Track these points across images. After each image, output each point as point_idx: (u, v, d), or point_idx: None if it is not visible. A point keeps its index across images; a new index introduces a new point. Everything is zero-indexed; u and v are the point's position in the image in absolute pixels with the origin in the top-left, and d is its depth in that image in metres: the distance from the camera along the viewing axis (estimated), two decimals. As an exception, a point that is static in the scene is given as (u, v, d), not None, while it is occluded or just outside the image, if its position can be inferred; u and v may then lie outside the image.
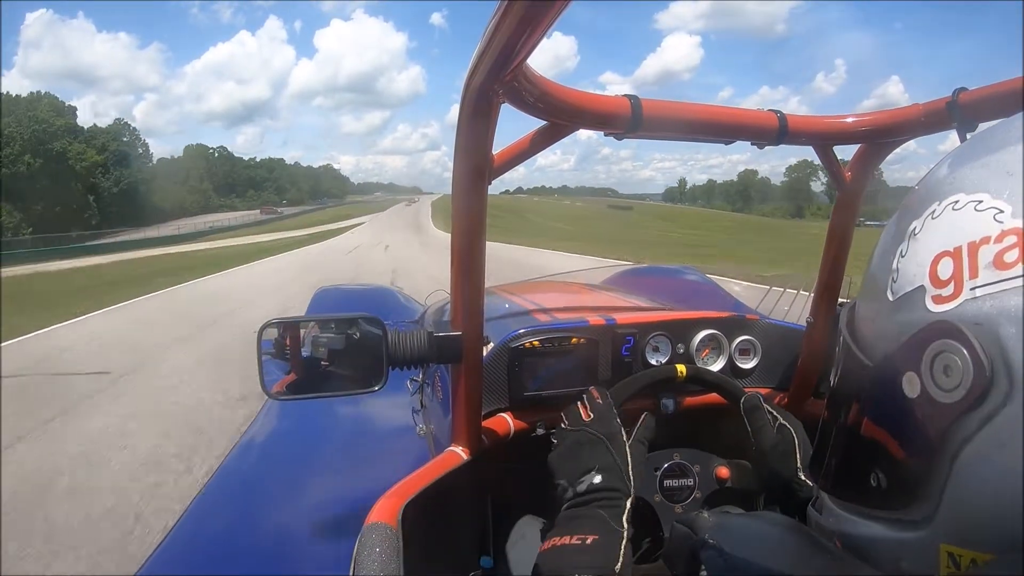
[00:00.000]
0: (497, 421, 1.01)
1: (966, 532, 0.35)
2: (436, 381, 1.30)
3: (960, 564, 0.35)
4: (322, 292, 2.79)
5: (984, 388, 0.33)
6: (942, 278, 0.37)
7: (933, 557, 0.37)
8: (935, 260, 0.38)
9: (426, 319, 2.04)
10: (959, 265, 0.36)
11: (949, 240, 0.37)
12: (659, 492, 0.93)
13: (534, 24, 0.46)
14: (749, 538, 0.53)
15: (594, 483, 0.71)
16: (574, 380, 1.05)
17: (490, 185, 0.70)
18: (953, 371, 0.34)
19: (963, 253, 0.36)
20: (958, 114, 0.71)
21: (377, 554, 0.63)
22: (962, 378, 0.34)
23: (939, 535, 0.37)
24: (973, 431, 0.34)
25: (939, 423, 0.35)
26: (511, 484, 1.02)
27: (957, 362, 0.34)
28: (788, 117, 0.77)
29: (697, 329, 1.13)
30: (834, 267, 0.96)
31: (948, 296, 0.36)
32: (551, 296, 1.85)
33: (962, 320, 0.35)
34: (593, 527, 0.65)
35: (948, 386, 0.35)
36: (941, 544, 0.36)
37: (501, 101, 0.60)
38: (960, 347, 0.34)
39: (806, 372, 1.08)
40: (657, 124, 0.70)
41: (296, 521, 1.17)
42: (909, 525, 0.39)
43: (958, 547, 0.36)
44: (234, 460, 1.55)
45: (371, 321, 0.87)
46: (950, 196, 0.39)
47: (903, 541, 0.39)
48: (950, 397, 0.35)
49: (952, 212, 0.38)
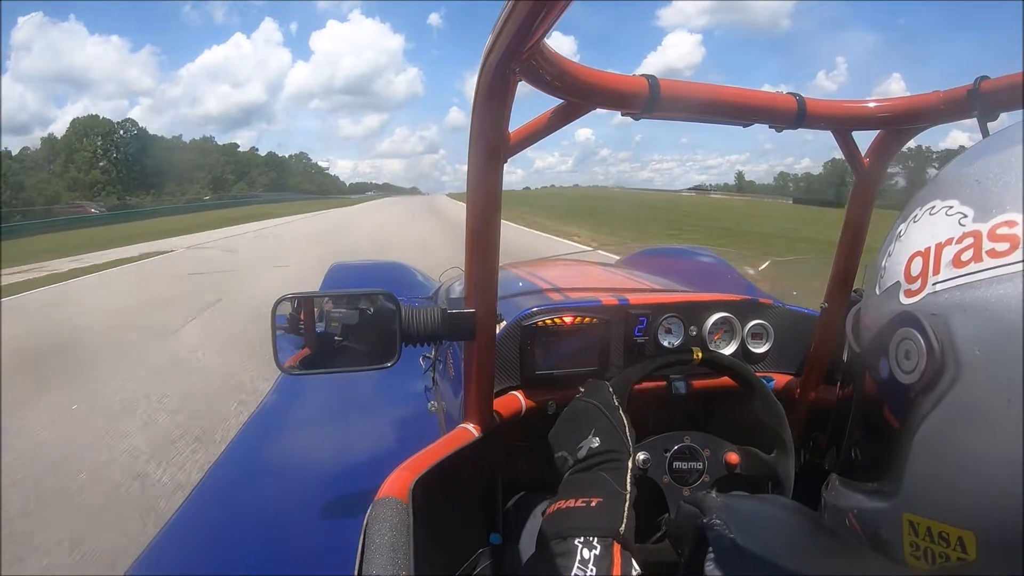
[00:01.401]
0: (508, 399, 1.02)
1: (925, 502, 0.40)
2: (448, 358, 1.32)
3: (918, 531, 0.40)
4: (336, 267, 2.80)
5: (936, 371, 0.38)
6: (913, 275, 0.42)
7: (898, 525, 0.41)
8: (910, 259, 0.42)
9: (440, 296, 2.05)
10: (926, 263, 0.41)
11: (922, 241, 0.42)
12: (668, 473, 0.93)
13: (552, 2, 0.46)
14: (756, 519, 0.54)
15: (593, 447, 0.72)
16: (586, 359, 1.06)
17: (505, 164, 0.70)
18: (911, 355, 0.39)
19: (931, 253, 0.41)
20: (979, 102, 0.69)
21: (387, 528, 0.64)
22: (918, 362, 0.39)
23: (902, 505, 0.41)
24: (928, 410, 0.38)
25: (902, 402, 0.40)
26: (521, 462, 1.04)
27: (914, 347, 0.39)
28: (807, 100, 0.76)
29: (710, 312, 1.13)
30: (850, 253, 0.95)
31: (915, 291, 0.41)
32: (565, 275, 1.85)
33: (922, 311, 0.40)
34: (596, 490, 0.66)
35: (908, 368, 0.40)
36: (903, 513, 0.41)
37: (518, 79, 0.60)
38: (917, 334, 0.39)
39: (819, 358, 1.08)
40: (674, 104, 0.69)
41: (307, 495, 1.20)
42: (883, 496, 0.43)
43: (917, 515, 0.40)
44: (248, 433, 1.58)
45: (385, 297, 0.88)
46: (930, 202, 0.44)
47: (877, 510, 0.44)
48: (909, 379, 0.40)
49: (929, 216, 0.43)
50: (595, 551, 0.58)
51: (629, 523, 0.63)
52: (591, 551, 0.58)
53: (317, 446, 1.44)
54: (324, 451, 1.38)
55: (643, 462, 0.91)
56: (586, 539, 0.59)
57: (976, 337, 0.36)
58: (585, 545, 0.59)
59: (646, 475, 0.92)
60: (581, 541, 0.59)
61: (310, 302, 0.97)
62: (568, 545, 0.59)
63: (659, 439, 0.95)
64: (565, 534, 0.61)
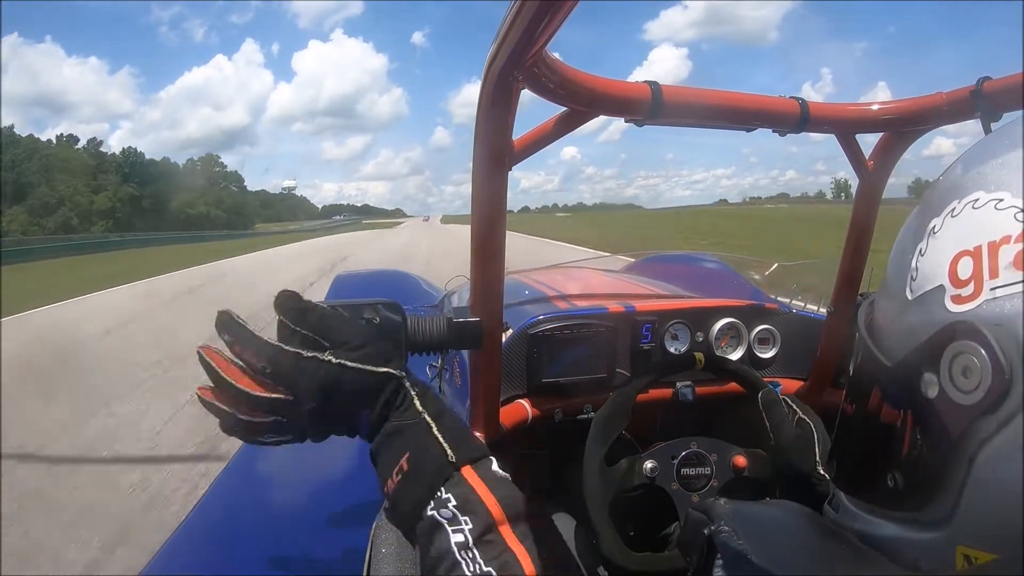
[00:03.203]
0: (515, 407, 1.02)
1: (983, 534, 0.35)
2: (455, 367, 1.31)
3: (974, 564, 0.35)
4: (341, 277, 2.81)
5: (1003, 390, 0.33)
6: (962, 278, 0.36)
7: (950, 558, 0.36)
8: (955, 259, 0.37)
9: (445, 304, 2.05)
10: (979, 265, 0.35)
11: (969, 239, 0.37)
12: (676, 480, 0.93)
13: (554, 9, 0.46)
14: (766, 525, 0.53)
15: None
16: (593, 367, 1.06)
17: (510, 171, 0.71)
18: (972, 372, 0.34)
19: (983, 253, 0.35)
20: (982, 103, 0.69)
21: (394, 537, 0.64)
22: (981, 379, 0.33)
23: (956, 536, 0.36)
24: (992, 432, 0.33)
25: (957, 424, 0.35)
26: (529, 471, 1.03)
27: (976, 363, 0.34)
28: (810, 104, 0.76)
29: (716, 317, 1.13)
30: (855, 256, 0.95)
31: (968, 296, 0.36)
32: (570, 282, 1.85)
33: (981, 321, 0.34)
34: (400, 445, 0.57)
35: (967, 388, 0.34)
36: (958, 546, 0.36)
37: (521, 87, 0.60)
38: (979, 348, 0.34)
39: (825, 362, 1.07)
40: (677, 110, 0.69)
41: (314, 504, 1.19)
42: (926, 526, 0.38)
43: (975, 549, 0.35)
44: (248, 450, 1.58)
45: (391, 306, 0.88)
46: (970, 194, 0.38)
47: (919, 541, 0.39)
48: (969, 399, 0.34)
49: (972, 211, 0.38)
50: (451, 502, 0.51)
51: (460, 442, 0.55)
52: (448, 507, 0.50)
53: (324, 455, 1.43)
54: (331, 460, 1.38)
55: (651, 470, 0.90)
56: (436, 498, 0.51)
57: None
58: (437, 507, 0.51)
59: (654, 483, 0.91)
60: (432, 506, 0.51)
61: None
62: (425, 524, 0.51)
63: (666, 446, 0.94)
64: (410, 514, 0.53)
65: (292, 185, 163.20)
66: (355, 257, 19.27)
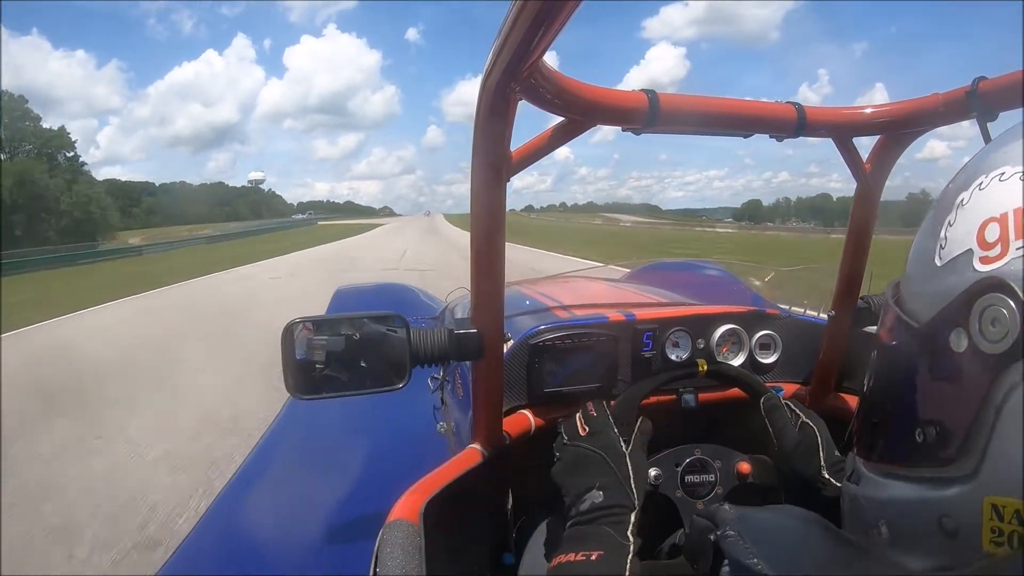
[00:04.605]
0: (518, 418, 1.01)
1: (1011, 482, 0.36)
2: (456, 378, 1.31)
3: (1003, 515, 0.37)
4: (342, 291, 2.82)
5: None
6: (989, 241, 0.40)
7: (976, 510, 0.38)
8: (983, 225, 0.41)
9: (446, 316, 2.05)
10: (1005, 228, 0.39)
11: (996, 207, 0.40)
12: (680, 488, 0.92)
13: (550, 20, 0.46)
14: (771, 531, 0.53)
15: (596, 502, 0.70)
16: (594, 376, 1.05)
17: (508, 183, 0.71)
18: (1000, 322, 0.37)
19: (1008, 218, 0.39)
20: (978, 103, 0.70)
21: (399, 551, 0.63)
22: (1009, 328, 0.37)
23: (983, 487, 0.38)
24: (1018, 380, 0.36)
25: (986, 375, 0.38)
26: (532, 481, 1.03)
27: (1004, 313, 0.37)
28: (806, 109, 0.77)
29: (717, 324, 1.13)
30: (855, 260, 0.95)
31: (995, 256, 0.39)
32: (570, 292, 1.86)
33: (1009, 276, 0.38)
34: (598, 543, 0.65)
35: (995, 337, 0.37)
36: (985, 497, 0.38)
37: (518, 98, 0.60)
38: (1008, 299, 0.37)
39: (827, 365, 1.07)
40: (675, 118, 0.69)
41: (318, 519, 1.19)
42: (951, 482, 0.40)
43: (1003, 497, 0.37)
44: (257, 457, 1.58)
45: (394, 319, 0.88)
46: (997, 169, 0.42)
47: (945, 499, 0.41)
48: (998, 348, 0.37)
49: (999, 183, 0.41)
50: None
51: (632, 572, 0.62)
52: None
53: (328, 469, 1.43)
54: (335, 474, 1.38)
55: (655, 478, 0.90)
56: None
57: None
58: None
59: (658, 491, 0.91)
60: None
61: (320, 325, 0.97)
62: None
63: (670, 454, 0.94)
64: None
65: (259, 178, 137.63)
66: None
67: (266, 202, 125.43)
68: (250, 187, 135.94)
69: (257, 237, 45.54)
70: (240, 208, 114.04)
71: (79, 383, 5.36)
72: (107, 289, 13.32)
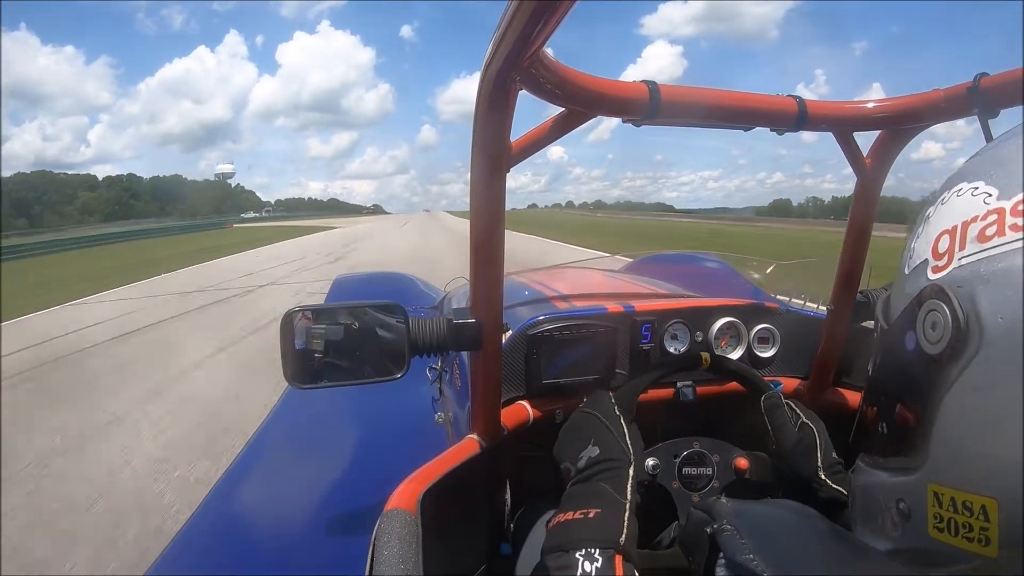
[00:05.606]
0: (516, 409, 1.01)
1: (949, 471, 0.41)
2: (455, 369, 1.31)
3: (942, 502, 0.41)
4: (341, 279, 2.81)
5: (962, 340, 0.39)
6: (940, 251, 0.44)
7: (923, 496, 0.43)
8: (938, 237, 0.45)
9: (445, 306, 2.05)
10: (953, 240, 0.43)
11: (949, 220, 0.44)
12: (677, 479, 0.93)
13: (552, 9, 0.46)
14: (768, 525, 0.53)
15: (592, 456, 0.72)
16: (592, 367, 1.05)
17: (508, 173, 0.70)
18: (938, 326, 0.41)
19: (957, 230, 0.43)
20: (979, 99, 0.69)
21: (396, 540, 0.64)
22: (944, 332, 0.41)
23: (927, 476, 0.42)
24: (953, 378, 0.40)
25: (928, 373, 0.42)
26: (530, 472, 1.03)
27: (940, 318, 0.41)
28: (807, 102, 0.76)
29: (716, 317, 1.13)
30: (854, 255, 0.95)
31: (942, 266, 0.43)
32: (569, 283, 1.85)
33: (948, 284, 0.42)
34: (596, 500, 0.66)
35: (934, 339, 0.42)
36: (927, 484, 0.42)
37: (519, 89, 0.60)
38: (943, 305, 0.41)
39: (826, 360, 1.07)
40: (675, 110, 0.69)
41: (315, 508, 1.20)
42: (907, 470, 0.45)
43: (941, 486, 0.41)
44: (254, 447, 1.59)
45: (393, 308, 0.88)
46: (957, 185, 0.46)
47: (900, 484, 0.45)
48: (935, 349, 0.41)
49: (956, 198, 0.45)
50: (596, 563, 0.58)
51: (630, 532, 0.63)
52: (592, 563, 0.58)
53: (325, 459, 1.44)
54: (332, 463, 1.38)
55: (652, 467, 0.90)
56: (587, 551, 0.59)
57: (999, 306, 0.38)
58: (586, 558, 0.59)
59: (655, 481, 0.91)
60: (582, 554, 0.59)
61: (319, 314, 0.97)
62: (569, 558, 0.59)
63: (668, 445, 0.94)
64: (566, 547, 0.61)
65: (228, 171, 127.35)
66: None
67: (233, 197, 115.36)
68: (215, 181, 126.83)
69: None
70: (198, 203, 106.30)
71: None
72: None
